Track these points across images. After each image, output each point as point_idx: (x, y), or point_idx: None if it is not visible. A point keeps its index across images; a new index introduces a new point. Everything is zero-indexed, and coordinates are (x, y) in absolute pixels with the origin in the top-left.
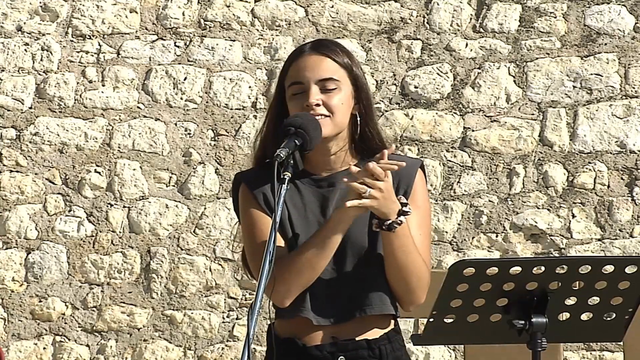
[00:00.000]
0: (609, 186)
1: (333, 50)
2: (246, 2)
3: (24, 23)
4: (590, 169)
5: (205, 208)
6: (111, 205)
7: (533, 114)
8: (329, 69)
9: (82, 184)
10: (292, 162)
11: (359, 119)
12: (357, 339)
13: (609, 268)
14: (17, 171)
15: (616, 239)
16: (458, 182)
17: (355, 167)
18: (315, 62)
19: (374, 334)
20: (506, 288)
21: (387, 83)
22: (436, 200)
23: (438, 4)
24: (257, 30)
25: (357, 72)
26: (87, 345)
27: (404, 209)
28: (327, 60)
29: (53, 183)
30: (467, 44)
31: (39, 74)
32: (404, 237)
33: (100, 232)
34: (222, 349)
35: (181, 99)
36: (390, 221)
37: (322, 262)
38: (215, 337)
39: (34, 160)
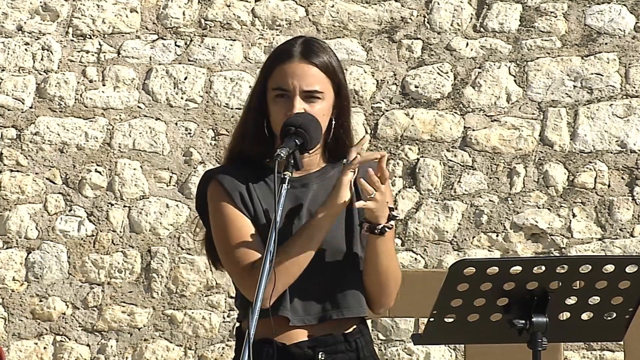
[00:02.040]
0: (609, 186)
1: (320, 58)
2: (247, 1)
3: (25, 23)
4: (590, 169)
5: None
6: (112, 204)
7: (533, 114)
8: (314, 80)
9: (82, 184)
10: (292, 161)
11: (333, 122)
12: (334, 333)
13: (610, 267)
14: (18, 171)
15: (617, 238)
16: (458, 181)
17: (363, 156)
18: (303, 71)
19: (349, 329)
20: (506, 288)
21: (388, 83)
22: (436, 200)
23: (438, 4)
24: (258, 29)
25: (340, 76)
26: (88, 345)
27: (393, 213)
28: (314, 69)
29: (53, 183)
30: (467, 44)
31: (40, 74)
32: (390, 241)
33: (101, 231)
34: (223, 348)
35: (182, 98)
36: (382, 225)
37: (306, 260)
38: (216, 337)
39: (34, 160)
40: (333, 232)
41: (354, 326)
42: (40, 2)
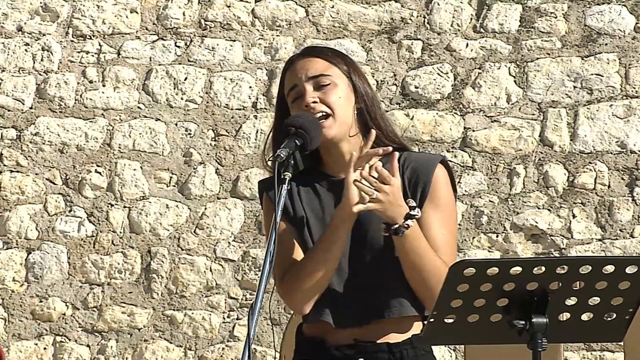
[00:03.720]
0: (609, 186)
1: (321, 51)
2: (246, 2)
3: (25, 23)
4: (590, 169)
5: (205, 208)
6: (112, 205)
7: (533, 114)
8: (318, 66)
9: (82, 184)
10: (292, 162)
11: (361, 115)
12: (378, 341)
13: (610, 268)
14: (18, 171)
15: (617, 239)
16: (458, 182)
17: (357, 155)
18: (304, 63)
19: (397, 337)
20: (506, 288)
21: (388, 83)
22: None
23: (438, 4)
24: (258, 30)
25: (350, 68)
26: (88, 346)
27: (412, 212)
28: (316, 59)
29: (53, 183)
30: (467, 44)
31: (40, 74)
32: (415, 239)
33: (101, 232)
34: (223, 349)
35: (181, 99)
36: (397, 225)
37: (331, 264)
38: (216, 337)
39: (34, 161)
40: (373, 232)
41: (405, 337)
42: (40, 3)
